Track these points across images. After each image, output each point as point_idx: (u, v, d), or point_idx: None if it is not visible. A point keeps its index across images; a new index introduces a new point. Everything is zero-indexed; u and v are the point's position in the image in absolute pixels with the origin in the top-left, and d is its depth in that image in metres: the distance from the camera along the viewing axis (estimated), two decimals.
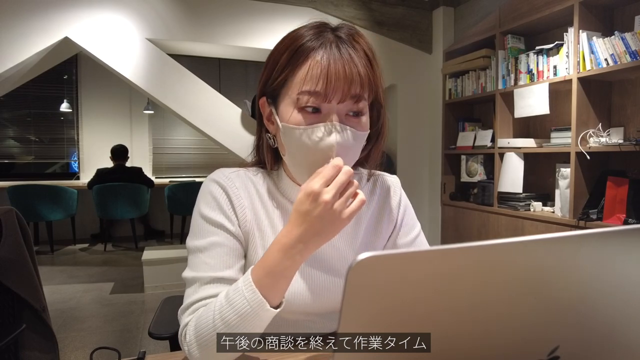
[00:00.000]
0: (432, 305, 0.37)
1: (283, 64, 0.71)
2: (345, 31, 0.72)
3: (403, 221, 0.90)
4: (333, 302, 0.80)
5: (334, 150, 0.68)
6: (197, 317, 0.66)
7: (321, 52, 0.68)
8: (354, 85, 0.68)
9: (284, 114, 0.71)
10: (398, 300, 0.36)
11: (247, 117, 3.48)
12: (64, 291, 3.43)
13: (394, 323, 0.37)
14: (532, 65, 3.04)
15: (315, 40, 0.69)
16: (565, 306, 0.43)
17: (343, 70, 0.67)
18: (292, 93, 0.70)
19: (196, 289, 0.69)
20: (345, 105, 0.69)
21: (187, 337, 0.66)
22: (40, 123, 5.55)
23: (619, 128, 2.66)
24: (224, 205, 0.75)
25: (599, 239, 0.41)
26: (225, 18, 3.50)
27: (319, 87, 0.67)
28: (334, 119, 0.68)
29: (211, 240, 0.73)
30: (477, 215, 3.47)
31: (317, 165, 0.67)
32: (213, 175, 0.79)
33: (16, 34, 2.95)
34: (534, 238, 0.37)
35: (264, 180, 0.81)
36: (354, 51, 0.69)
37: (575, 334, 0.45)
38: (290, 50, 0.70)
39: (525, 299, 0.41)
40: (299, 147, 0.70)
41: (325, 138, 0.68)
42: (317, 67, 0.68)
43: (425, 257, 0.36)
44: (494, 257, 0.37)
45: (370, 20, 3.86)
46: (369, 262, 0.33)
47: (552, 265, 0.40)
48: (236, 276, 0.71)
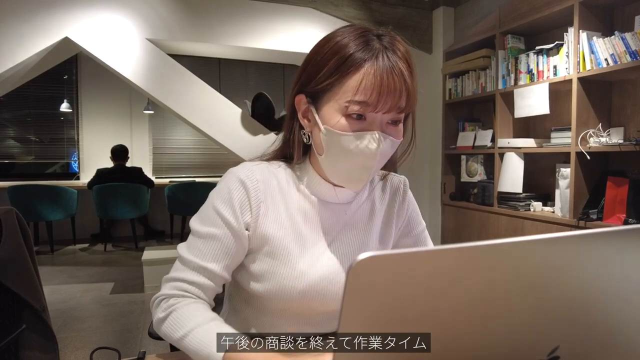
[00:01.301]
0: (432, 305, 0.37)
1: (331, 70, 0.73)
2: (387, 40, 0.74)
3: (410, 218, 0.94)
4: (339, 299, 0.80)
5: (376, 157, 0.73)
6: (173, 313, 0.72)
7: (373, 63, 0.71)
8: (402, 97, 0.72)
9: (328, 117, 0.74)
10: (398, 300, 0.36)
11: (247, 117, 3.48)
12: (64, 291, 3.43)
13: (394, 323, 0.37)
14: (532, 65, 3.04)
15: (365, 51, 0.71)
16: (565, 306, 0.43)
17: (394, 83, 0.70)
18: (340, 99, 0.72)
19: (183, 269, 0.77)
20: (390, 115, 0.73)
21: (157, 313, 0.75)
22: (40, 123, 5.55)
23: (619, 128, 2.66)
24: (236, 199, 0.77)
25: (600, 239, 0.41)
26: (225, 18, 3.51)
27: (372, 98, 0.70)
28: (378, 128, 0.73)
29: (211, 231, 0.77)
30: (477, 215, 3.47)
31: (355, 168, 0.74)
32: (236, 169, 0.81)
33: (16, 34, 2.95)
34: (535, 238, 0.37)
35: (285, 173, 0.84)
36: (400, 61, 0.72)
37: (575, 334, 0.45)
38: (339, 57, 0.72)
39: (525, 299, 0.41)
40: (342, 152, 0.74)
41: (368, 146, 0.72)
42: (370, 78, 0.70)
43: (426, 257, 0.36)
44: (494, 257, 0.37)
45: (370, 20, 3.86)
46: (370, 262, 0.33)
47: (552, 265, 0.40)
48: (220, 272, 0.76)
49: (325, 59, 0.74)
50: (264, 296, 0.79)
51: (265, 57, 4.39)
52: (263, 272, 0.79)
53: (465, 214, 3.63)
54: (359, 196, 0.87)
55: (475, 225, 3.49)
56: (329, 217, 0.83)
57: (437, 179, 3.99)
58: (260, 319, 0.83)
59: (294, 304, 0.79)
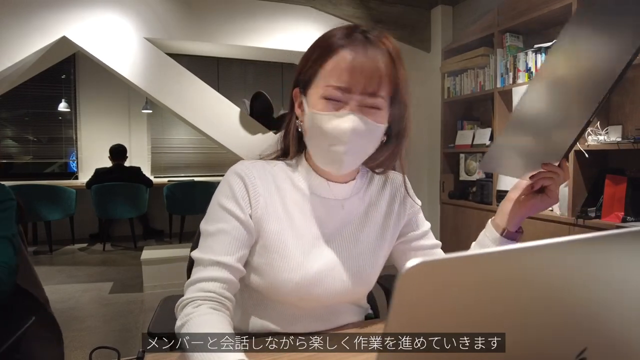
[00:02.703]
0: (472, 308, 0.39)
1: (315, 57, 0.79)
2: (374, 34, 0.79)
3: (413, 218, 0.94)
4: (334, 293, 0.82)
5: (348, 136, 0.75)
6: (187, 324, 0.71)
7: (350, 49, 0.75)
8: (372, 81, 0.75)
9: (313, 102, 0.79)
10: (443, 304, 0.37)
11: (246, 116, 3.48)
12: (63, 291, 3.43)
13: (437, 325, 0.39)
14: (530, 63, 3.04)
15: (344, 39, 0.77)
16: (593, 307, 0.43)
17: (368, 66, 0.74)
18: (320, 84, 0.77)
19: (200, 269, 0.78)
20: (363, 98, 0.76)
21: (178, 319, 0.74)
22: (38, 123, 5.54)
23: (617, 126, 2.67)
24: (238, 192, 0.81)
25: (630, 239, 0.41)
26: (223, 17, 3.50)
27: (344, 79, 0.75)
28: (354, 110, 0.75)
29: (219, 227, 0.79)
30: (476, 213, 3.48)
31: (333, 148, 0.76)
32: (234, 166, 0.85)
33: (14, 34, 2.94)
34: (567, 240, 0.37)
35: (281, 169, 0.87)
36: (378, 51, 0.76)
37: (603, 336, 0.45)
38: (322, 46, 0.78)
39: (557, 301, 0.41)
40: (320, 132, 0.77)
41: (340, 125, 0.75)
42: (344, 62, 0.75)
43: (471, 262, 0.37)
44: (533, 260, 0.39)
45: (368, 18, 3.86)
46: (419, 269, 0.34)
47: (582, 266, 0.40)
48: (234, 264, 0.78)
49: (312, 50, 0.80)
50: (262, 288, 0.81)
51: (264, 56, 4.39)
52: (260, 264, 0.81)
53: (464, 213, 3.63)
54: (355, 192, 0.88)
55: (474, 223, 3.49)
56: (325, 212, 0.85)
57: (435, 178, 3.99)
58: (260, 312, 0.84)
59: (291, 297, 0.80)
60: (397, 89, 0.79)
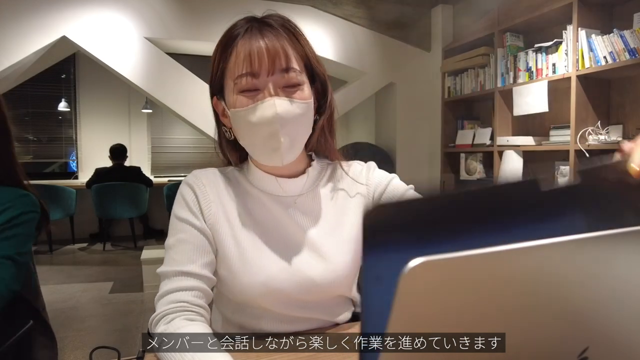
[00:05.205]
0: (473, 307, 0.38)
1: (218, 57, 0.78)
2: (270, 18, 0.79)
3: (388, 188, 0.88)
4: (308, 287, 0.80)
5: (278, 121, 0.72)
6: (167, 328, 0.70)
7: (245, 36, 0.75)
8: (277, 57, 0.73)
9: (231, 102, 0.76)
10: (443, 303, 0.37)
11: None
12: (63, 291, 3.42)
13: (440, 324, 0.38)
14: (530, 63, 3.04)
15: (239, 29, 0.76)
16: (595, 307, 0.43)
17: (265, 45, 0.73)
18: (230, 81, 0.75)
19: (166, 282, 0.76)
20: (277, 78, 0.74)
21: (155, 329, 0.73)
22: (38, 122, 5.54)
23: (618, 126, 2.67)
24: (190, 202, 0.81)
25: (633, 238, 0.41)
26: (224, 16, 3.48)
27: (248, 66, 0.73)
28: (270, 93, 0.73)
29: (179, 237, 0.79)
30: None
31: (265, 139, 0.73)
32: (185, 178, 0.85)
33: (14, 33, 2.94)
34: (568, 239, 0.37)
35: (234, 174, 0.86)
36: (273, 30, 0.76)
37: (605, 335, 0.45)
38: (221, 46, 0.77)
39: (560, 300, 0.41)
40: (248, 127, 0.75)
41: (264, 113, 0.72)
42: (243, 50, 0.73)
43: (472, 261, 0.37)
44: (533, 259, 0.39)
45: (369, 18, 3.85)
46: (422, 267, 0.34)
47: (583, 265, 0.40)
48: (199, 271, 0.76)
49: (215, 53, 0.79)
50: (234, 296, 0.80)
51: None
52: (223, 274, 0.79)
53: None
54: (307, 187, 0.85)
55: None
56: (278, 210, 0.82)
57: (436, 177, 3.99)
58: (239, 318, 0.83)
59: (266, 300, 0.78)
60: (309, 62, 0.78)
